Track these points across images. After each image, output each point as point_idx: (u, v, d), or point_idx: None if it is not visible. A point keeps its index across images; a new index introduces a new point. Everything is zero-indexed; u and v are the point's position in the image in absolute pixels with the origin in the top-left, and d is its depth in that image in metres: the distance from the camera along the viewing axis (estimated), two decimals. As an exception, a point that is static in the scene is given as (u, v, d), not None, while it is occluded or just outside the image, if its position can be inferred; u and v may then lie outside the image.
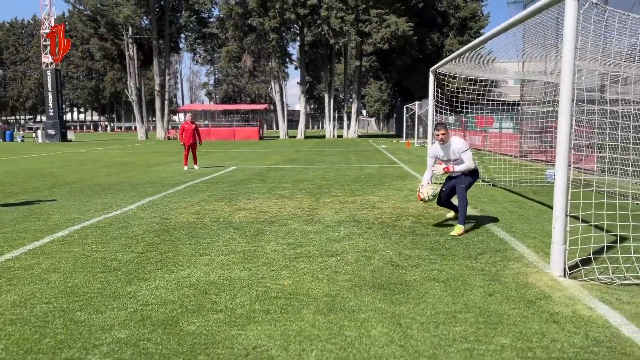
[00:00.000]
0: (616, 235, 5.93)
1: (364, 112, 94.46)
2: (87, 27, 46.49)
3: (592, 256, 4.98)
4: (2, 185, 11.69)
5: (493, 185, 11.41)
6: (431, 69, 11.53)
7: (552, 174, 11.63)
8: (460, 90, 13.01)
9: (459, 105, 12.73)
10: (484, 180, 11.87)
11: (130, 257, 5.37)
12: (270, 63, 43.64)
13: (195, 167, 16.17)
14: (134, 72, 45.25)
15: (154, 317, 3.70)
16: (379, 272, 4.79)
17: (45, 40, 44.01)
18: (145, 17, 45.04)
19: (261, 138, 43.37)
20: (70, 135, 48.21)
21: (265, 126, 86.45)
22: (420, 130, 35.03)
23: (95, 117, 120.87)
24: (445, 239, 6.16)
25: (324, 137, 47.79)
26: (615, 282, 4.55)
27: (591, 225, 6.11)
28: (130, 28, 44.06)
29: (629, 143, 6.93)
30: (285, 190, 10.56)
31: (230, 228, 6.80)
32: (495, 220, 7.31)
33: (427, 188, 6.60)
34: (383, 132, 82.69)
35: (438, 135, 6.49)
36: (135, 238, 6.23)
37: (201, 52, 47.81)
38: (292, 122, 77.19)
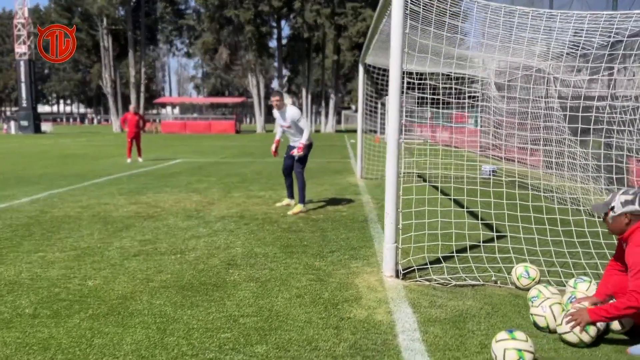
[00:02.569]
0: (464, 235, 5.65)
1: (353, 107, 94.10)
2: (61, 18, 45.78)
3: (425, 255, 4.70)
4: None
5: (423, 179, 11.12)
6: (360, 59, 11.22)
7: (487, 170, 11.38)
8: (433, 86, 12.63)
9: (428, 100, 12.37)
10: (419, 177, 11.58)
11: (-41, 253, 5.04)
12: (247, 56, 43.15)
13: (139, 159, 15.80)
14: (109, 64, 44.65)
15: None
16: (205, 272, 4.49)
17: (18, 30, 43.36)
18: (120, 8, 44.39)
19: (238, 132, 42.95)
20: (45, 127, 47.62)
21: (248, 120, 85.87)
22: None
23: (82, 110, 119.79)
24: (313, 235, 5.87)
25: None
26: (450, 283, 4.28)
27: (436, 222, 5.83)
28: (105, 19, 43.42)
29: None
30: (203, 184, 10.24)
31: (100, 223, 6.47)
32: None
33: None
34: (371, 128, 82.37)
35: (273, 101, 7.18)
36: (-13, 233, 5.90)
37: (178, 44, 47.18)
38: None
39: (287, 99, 7.74)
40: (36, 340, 3.12)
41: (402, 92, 4.22)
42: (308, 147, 7.29)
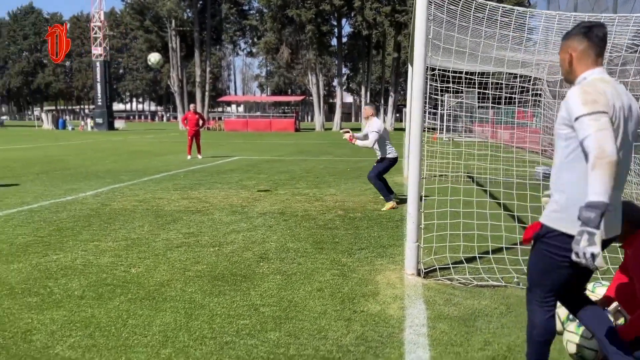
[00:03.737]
0: (487, 236, 5.63)
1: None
2: (134, 20, 48.22)
3: (447, 255, 4.79)
4: (1, 170, 12.43)
5: (472, 179, 11.03)
6: (408, 59, 11.23)
7: (540, 171, 11.11)
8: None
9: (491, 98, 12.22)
10: (467, 173, 11.50)
11: (26, 240, 5.63)
12: (307, 55, 43.73)
13: (199, 156, 16.54)
14: (177, 64, 46.58)
15: (-27, 297, 3.90)
16: (238, 264, 4.80)
17: (95, 33, 46.12)
18: (188, 10, 46.18)
19: (297, 130, 43.63)
20: (118, 124, 50.45)
21: (309, 118, 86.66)
22: (450, 123, 34.10)
23: (153, 107, 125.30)
24: (346, 232, 6.07)
25: (360, 129, 47.49)
26: (472, 283, 4.37)
27: (473, 223, 5.83)
28: (173, 20, 45.34)
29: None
30: (253, 181, 10.66)
31: (152, 216, 6.97)
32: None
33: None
34: (432, 125, 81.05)
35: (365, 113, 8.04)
36: (52, 222, 6.51)
37: (241, 44, 48.51)
38: (344, 115, 76.80)
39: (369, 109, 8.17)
40: (79, 319, 3.52)
41: (426, 90, 4.34)
42: (391, 160, 7.79)
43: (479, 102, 9.05)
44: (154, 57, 14.93)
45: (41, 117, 56.85)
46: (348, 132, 7.67)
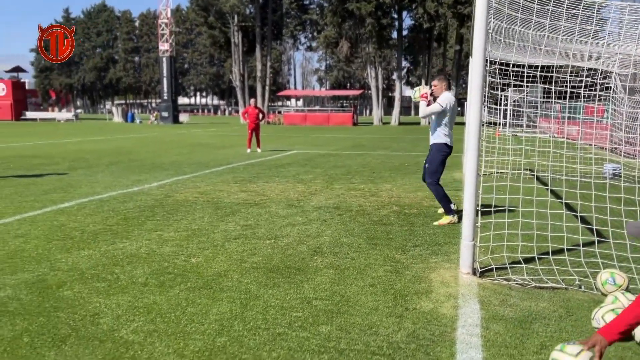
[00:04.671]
0: (547, 236, 5.41)
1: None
2: (198, 17, 49.64)
3: (505, 255, 4.66)
4: (76, 161, 13.20)
5: (535, 175, 10.65)
6: (470, 52, 10.95)
7: (609, 169, 10.56)
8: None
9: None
10: (529, 170, 11.12)
11: (96, 228, 5.97)
12: (366, 48, 43.49)
13: (258, 150, 16.89)
14: (239, 59, 47.59)
15: (48, 281, 4.19)
16: (292, 257, 4.90)
17: (162, 30, 47.86)
18: (250, 5, 47.02)
19: (355, 124, 43.58)
20: (182, 117, 52.18)
21: (368, 111, 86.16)
22: (514, 117, 32.90)
23: (216, 102, 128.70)
24: (401, 229, 6.03)
25: (419, 123, 46.83)
26: (530, 284, 4.25)
27: (532, 222, 5.62)
28: (236, 16, 46.31)
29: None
30: (309, 175, 10.78)
31: (212, 208, 7.20)
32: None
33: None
34: (494, 120, 78.71)
35: (432, 87, 6.34)
36: (120, 212, 6.86)
37: (301, 38, 48.88)
38: (403, 109, 75.87)
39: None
40: (142, 305, 3.72)
41: (485, 85, 4.25)
42: (444, 152, 6.35)
43: (543, 97, 8.72)
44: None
45: (112, 110, 59.80)
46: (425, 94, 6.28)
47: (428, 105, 6.25)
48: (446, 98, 6.13)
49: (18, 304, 3.69)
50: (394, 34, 44.76)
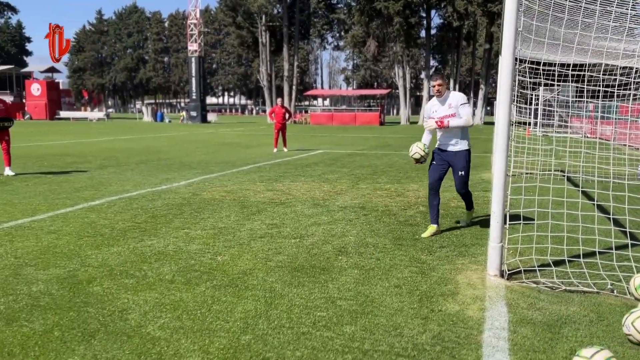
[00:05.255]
0: (578, 238, 5.26)
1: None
2: (227, 17, 50.13)
3: (534, 257, 4.56)
4: (107, 159, 13.49)
5: (565, 176, 10.42)
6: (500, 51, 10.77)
7: (642, 170, 10.25)
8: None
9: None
10: (560, 171, 10.89)
11: (125, 225, 6.09)
12: (394, 47, 43.23)
13: (285, 149, 16.96)
14: (266, 58, 47.87)
15: (79, 277, 4.28)
16: (317, 256, 4.90)
17: (191, 30, 48.50)
18: (277, 5, 47.25)
19: (382, 123, 43.36)
20: (211, 117, 52.78)
21: (395, 111, 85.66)
22: (545, 116, 32.24)
23: (244, 101, 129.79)
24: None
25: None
26: (559, 288, 4.15)
27: (562, 224, 5.48)
28: (263, 16, 46.60)
29: None
30: (335, 175, 10.77)
31: (238, 207, 7.26)
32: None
33: (414, 146, 5.78)
34: (525, 120, 77.30)
35: (434, 86, 5.61)
36: (148, 210, 6.98)
37: (329, 38, 48.90)
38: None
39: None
40: (169, 301, 3.77)
41: (514, 83, 4.17)
42: (469, 155, 5.79)
43: (575, 96, 8.50)
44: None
45: (142, 110, 60.88)
46: (433, 120, 5.65)
47: (441, 124, 5.60)
48: (464, 95, 5.76)
49: (50, 298, 3.78)
50: (422, 33, 44.47)
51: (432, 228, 5.77)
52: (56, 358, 2.91)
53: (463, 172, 5.72)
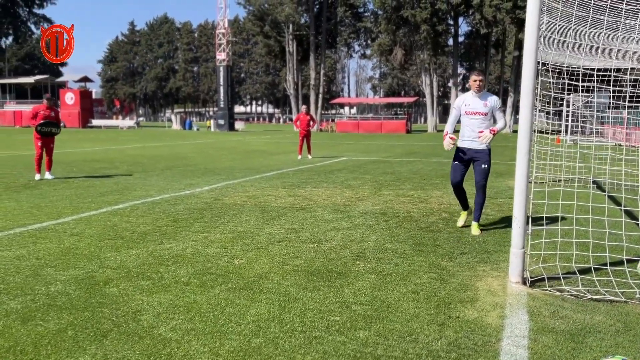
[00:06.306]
0: (605, 245, 5.06)
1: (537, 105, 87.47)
2: (255, 26, 50.70)
3: (559, 264, 4.39)
4: (133, 165, 13.71)
5: (591, 181, 10.12)
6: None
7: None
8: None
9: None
10: (580, 179, 10.57)
11: (146, 229, 6.13)
12: (421, 55, 42.99)
13: (309, 156, 16.96)
14: (293, 67, 48.18)
15: (96, 278, 4.32)
16: (334, 261, 4.83)
17: (219, 40, 49.19)
18: (305, 14, 47.58)
19: (408, 131, 43.07)
20: (238, 125, 53.28)
21: (422, 119, 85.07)
22: (574, 125, 31.50)
23: (271, 110, 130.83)
24: (449, 236, 5.85)
25: (476, 131, 45.63)
26: (585, 296, 4.00)
27: (588, 231, 5.28)
28: (290, 25, 46.97)
29: None
30: (358, 181, 10.69)
31: (258, 212, 7.26)
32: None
33: (446, 142, 5.91)
34: (556, 128, 75.82)
35: (476, 81, 5.81)
36: (170, 214, 7.03)
37: (355, 46, 48.98)
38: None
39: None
40: (183, 303, 3.76)
41: (536, 87, 4.06)
42: (490, 154, 6.03)
43: (603, 102, 8.25)
44: None
45: (171, 118, 61.92)
46: (453, 139, 5.89)
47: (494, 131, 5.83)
48: (501, 105, 5.99)
49: (66, 298, 3.82)
50: (450, 41, 44.09)
51: (464, 214, 6.35)
52: (67, 357, 2.92)
53: (486, 166, 5.96)
